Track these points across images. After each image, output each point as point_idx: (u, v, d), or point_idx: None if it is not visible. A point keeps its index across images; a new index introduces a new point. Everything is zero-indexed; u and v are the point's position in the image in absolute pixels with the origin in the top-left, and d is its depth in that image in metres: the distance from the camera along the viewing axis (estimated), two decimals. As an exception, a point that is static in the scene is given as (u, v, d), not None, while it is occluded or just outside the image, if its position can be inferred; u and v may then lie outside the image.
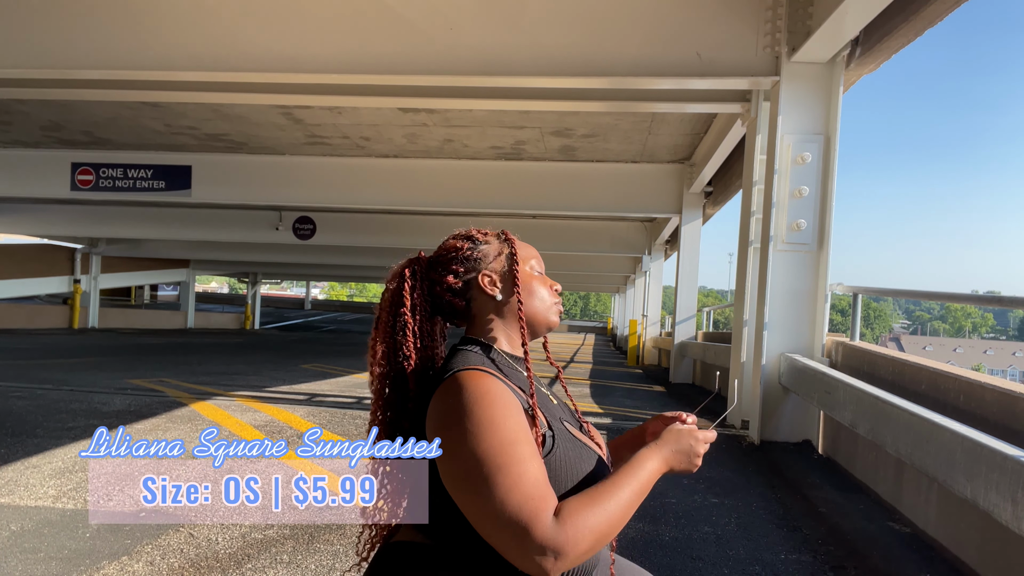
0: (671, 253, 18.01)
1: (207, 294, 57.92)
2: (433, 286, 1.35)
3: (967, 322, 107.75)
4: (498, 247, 1.38)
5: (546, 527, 1.04)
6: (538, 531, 1.03)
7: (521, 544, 1.03)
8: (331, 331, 34.04)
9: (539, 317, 1.37)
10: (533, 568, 1.04)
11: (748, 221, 6.84)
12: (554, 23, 6.18)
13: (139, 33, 6.46)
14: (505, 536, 1.05)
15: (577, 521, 1.06)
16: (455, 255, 1.36)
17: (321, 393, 8.02)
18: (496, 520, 1.05)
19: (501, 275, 1.36)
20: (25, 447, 4.85)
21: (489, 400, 1.14)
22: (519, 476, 1.07)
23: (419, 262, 1.38)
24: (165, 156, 12.69)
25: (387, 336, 1.33)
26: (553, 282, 1.42)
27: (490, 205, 12.56)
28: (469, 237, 1.39)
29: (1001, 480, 2.52)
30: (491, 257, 1.37)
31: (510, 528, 1.04)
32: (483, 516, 1.07)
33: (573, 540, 1.04)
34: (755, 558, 3.26)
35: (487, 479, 1.07)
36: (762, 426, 5.76)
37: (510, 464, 1.08)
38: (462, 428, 1.11)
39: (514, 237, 1.43)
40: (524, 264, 1.38)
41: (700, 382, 12.12)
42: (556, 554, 1.03)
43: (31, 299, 25.07)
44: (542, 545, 1.03)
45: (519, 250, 1.39)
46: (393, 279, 1.37)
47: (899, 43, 5.52)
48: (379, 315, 1.37)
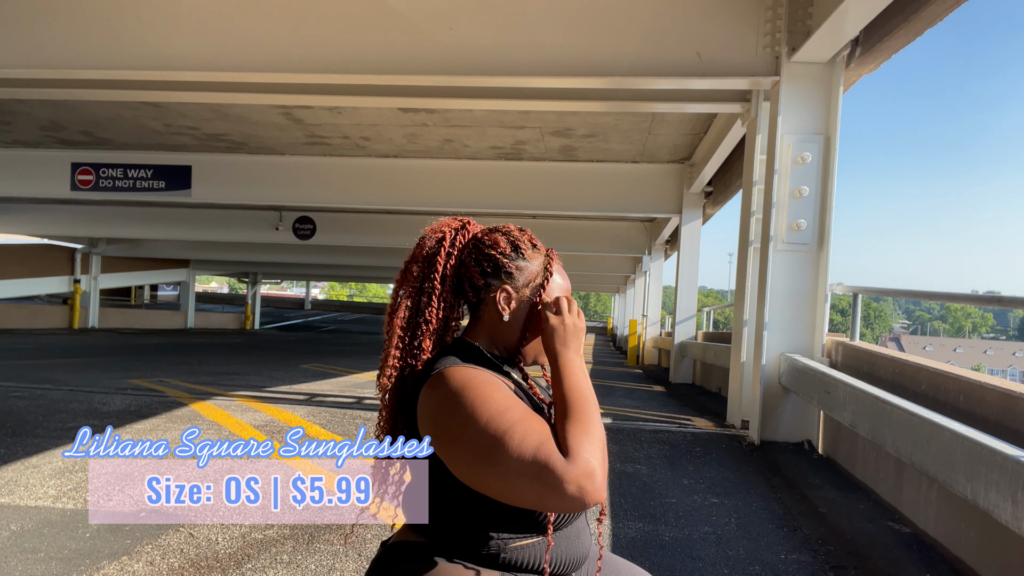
0: (671, 253, 18.02)
1: (207, 294, 57.92)
2: (460, 265, 1.33)
3: (967, 322, 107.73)
4: (534, 272, 1.33)
5: (563, 463, 1.07)
6: (559, 468, 1.06)
7: (554, 486, 1.05)
8: (331, 331, 34.04)
9: (528, 355, 1.34)
10: (576, 501, 1.06)
11: (748, 221, 6.84)
12: (554, 23, 6.19)
13: (139, 33, 6.46)
14: (535, 489, 1.07)
15: (582, 443, 1.10)
16: (493, 253, 1.32)
17: (321, 393, 8.02)
18: (519, 480, 1.07)
19: (519, 300, 1.31)
20: (25, 447, 4.85)
21: (473, 384, 1.16)
22: (523, 434, 1.09)
23: (464, 232, 1.35)
24: (165, 156, 12.70)
25: (413, 292, 1.31)
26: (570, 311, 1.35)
27: (490, 205, 12.56)
28: (517, 246, 1.33)
29: (1001, 480, 2.52)
30: (522, 279, 1.32)
31: (537, 480, 1.06)
32: (505, 484, 1.09)
33: (588, 460, 1.08)
34: (755, 558, 3.26)
35: (496, 450, 1.09)
36: (762, 426, 5.77)
37: (510, 428, 1.10)
38: (455, 417, 1.13)
39: (556, 265, 1.36)
40: (548, 297, 1.32)
41: (700, 382, 12.12)
42: (587, 476, 1.06)
43: (31, 299, 25.08)
44: (569, 477, 1.06)
45: (549, 284, 1.33)
46: (433, 237, 1.34)
47: (899, 43, 5.52)
48: (408, 266, 1.34)
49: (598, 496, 1.07)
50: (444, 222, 1.37)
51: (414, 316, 1.30)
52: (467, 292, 1.33)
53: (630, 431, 6.14)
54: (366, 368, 11.92)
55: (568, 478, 1.05)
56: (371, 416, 6.46)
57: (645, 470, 4.79)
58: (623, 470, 4.74)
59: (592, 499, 1.06)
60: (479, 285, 1.32)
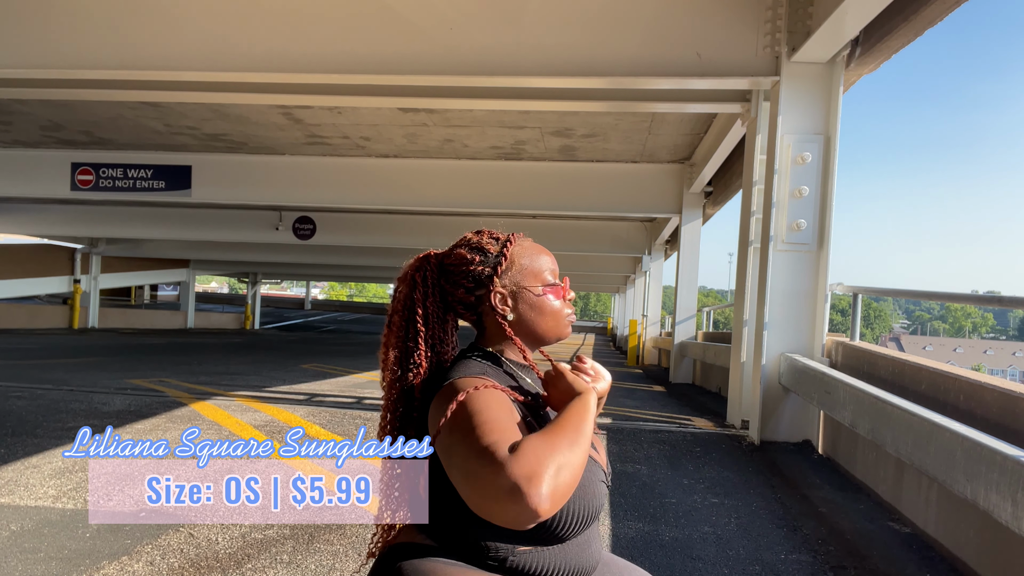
0: (671, 253, 18.02)
1: (207, 294, 57.91)
2: (445, 295, 1.34)
3: (967, 322, 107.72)
4: (509, 262, 1.33)
5: (504, 455, 0.99)
6: (499, 458, 0.99)
7: (488, 481, 0.98)
8: (331, 331, 34.04)
9: (550, 335, 1.35)
10: (509, 506, 0.96)
11: (748, 221, 6.84)
12: (554, 23, 6.18)
13: (139, 33, 6.46)
14: (470, 486, 1.01)
15: (530, 445, 1.01)
16: (465, 269, 1.33)
17: (321, 393, 8.02)
18: (465, 479, 1.03)
19: (511, 292, 1.32)
20: (25, 447, 4.85)
21: (479, 402, 1.15)
22: (488, 433, 1.05)
23: (429, 264, 1.35)
24: (165, 156, 12.70)
25: (399, 341, 1.32)
26: (567, 290, 1.37)
27: (490, 205, 12.56)
28: (479, 248, 1.34)
29: (1001, 480, 2.52)
30: (504, 274, 1.33)
31: (473, 476, 1.01)
32: (469, 491, 1.03)
33: (535, 462, 0.98)
34: (755, 558, 3.26)
35: (469, 457, 1.04)
36: (762, 426, 5.77)
37: (484, 435, 1.05)
38: (454, 431, 1.11)
39: (523, 245, 1.37)
40: (536, 279, 1.33)
41: (700, 382, 12.12)
42: (528, 478, 0.96)
43: (31, 299, 25.08)
44: (506, 471, 0.97)
45: (531, 261, 1.34)
46: (404, 281, 1.34)
47: (899, 43, 5.52)
48: (391, 317, 1.35)
49: (539, 505, 0.95)
50: (406, 265, 1.37)
51: (404, 363, 1.31)
52: (464, 314, 1.35)
53: (630, 431, 6.14)
54: (366, 368, 11.92)
55: (504, 472, 0.96)
56: (371, 416, 6.47)
57: (645, 470, 4.79)
58: (623, 470, 4.73)
59: (531, 504, 0.94)
60: (472, 302, 1.33)
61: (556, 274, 1.38)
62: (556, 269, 1.38)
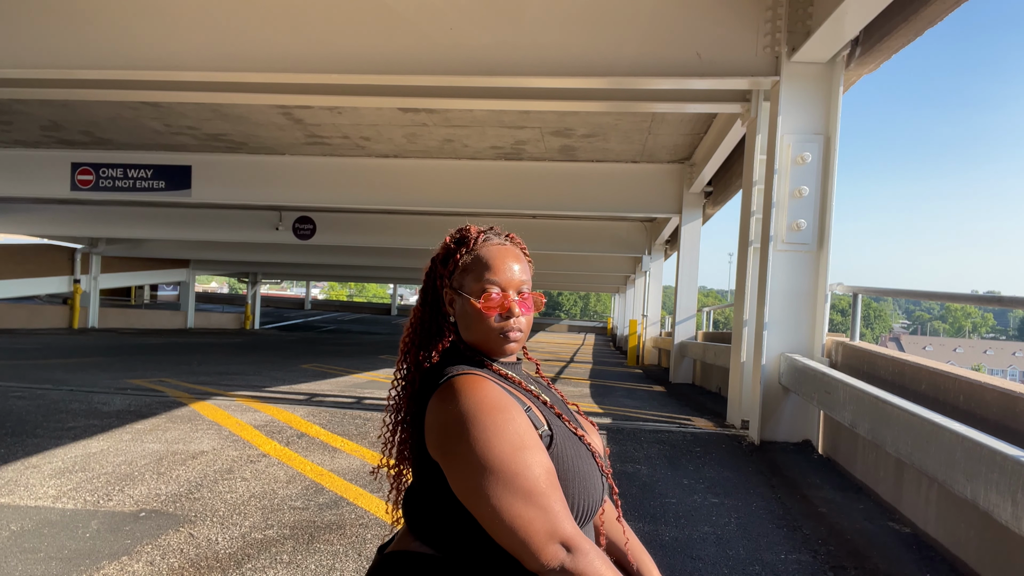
0: (671, 253, 18.02)
1: (207, 294, 57.91)
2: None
3: (967, 322, 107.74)
4: (454, 262, 1.28)
5: (564, 554, 1.07)
6: (550, 550, 1.07)
7: (539, 563, 1.07)
8: (331, 331, 34.04)
9: (482, 348, 1.26)
10: (541, 571, 1.07)
11: (748, 221, 6.84)
12: (554, 23, 6.19)
13: (139, 33, 6.46)
14: (520, 549, 1.08)
15: (585, 558, 1.09)
16: (432, 265, 1.33)
17: (321, 393, 8.02)
18: (513, 535, 1.07)
19: (457, 294, 1.27)
20: (25, 447, 4.85)
21: (488, 406, 1.13)
22: (532, 485, 1.08)
23: (434, 260, 1.36)
24: (165, 156, 12.70)
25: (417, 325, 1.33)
26: (509, 303, 1.23)
27: (490, 205, 12.56)
28: (446, 244, 1.32)
29: (1001, 480, 2.52)
30: (449, 272, 1.29)
31: (526, 547, 1.07)
32: (497, 525, 1.08)
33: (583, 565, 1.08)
34: (755, 558, 3.26)
35: (501, 490, 1.07)
36: (762, 426, 5.77)
37: (521, 473, 1.08)
38: (468, 440, 1.09)
39: (486, 246, 1.28)
40: (474, 284, 1.24)
41: (700, 382, 12.12)
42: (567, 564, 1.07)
43: (31, 299, 25.08)
44: (557, 563, 1.07)
45: (475, 265, 1.25)
46: (425, 271, 1.36)
47: (899, 43, 5.52)
48: (417, 305, 1.36)
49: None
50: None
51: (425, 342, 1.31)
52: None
53: (630, 431, 6.14)
54: (366, 368, 11.92)
55: (556, 563, 1.06)
56: (371, 416, 6.46)
57: (645, 470, 4.79)
58: (623, 470, 4.73)
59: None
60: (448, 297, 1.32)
61: (512, 284, 1.25)
62: (514, 278, 1.25)
